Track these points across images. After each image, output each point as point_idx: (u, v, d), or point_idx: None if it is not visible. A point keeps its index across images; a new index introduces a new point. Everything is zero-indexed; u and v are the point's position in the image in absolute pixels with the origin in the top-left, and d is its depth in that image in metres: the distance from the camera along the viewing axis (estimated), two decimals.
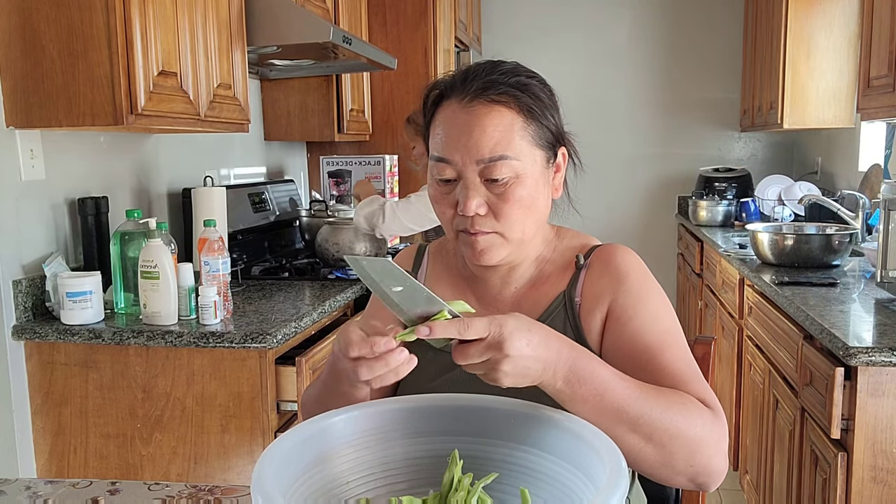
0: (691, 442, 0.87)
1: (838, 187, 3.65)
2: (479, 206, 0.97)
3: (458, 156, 0.97)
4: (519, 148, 0.97)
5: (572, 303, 1.04)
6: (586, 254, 1.08)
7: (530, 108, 0.99)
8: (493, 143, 0.96)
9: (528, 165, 0.98)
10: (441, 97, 1.02)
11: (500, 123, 0.97)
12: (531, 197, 0.99)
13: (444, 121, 1.00)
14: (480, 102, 0.97)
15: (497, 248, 1.00)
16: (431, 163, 1.02)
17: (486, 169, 0.97)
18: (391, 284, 0.79)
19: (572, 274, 1.06)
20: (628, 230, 4.71)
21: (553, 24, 4.70)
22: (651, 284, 1.04)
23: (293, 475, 0.77)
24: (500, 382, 0.80)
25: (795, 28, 3.53)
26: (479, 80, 0.99)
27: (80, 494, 1.05)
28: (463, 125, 0.97)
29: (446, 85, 1.02)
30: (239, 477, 1.79)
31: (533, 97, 0.99)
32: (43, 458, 1.86)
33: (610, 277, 1.03)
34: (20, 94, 1.72)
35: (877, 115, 2.43)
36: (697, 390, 0.93)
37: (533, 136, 0.99)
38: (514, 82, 0.99)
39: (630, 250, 1.07)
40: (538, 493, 0.79)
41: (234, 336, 1.75)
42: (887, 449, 1.64)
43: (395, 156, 3.31)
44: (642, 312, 1.00)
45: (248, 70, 2.23)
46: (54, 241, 1.96)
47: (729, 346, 3.02)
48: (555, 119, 1.03)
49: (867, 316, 1.94)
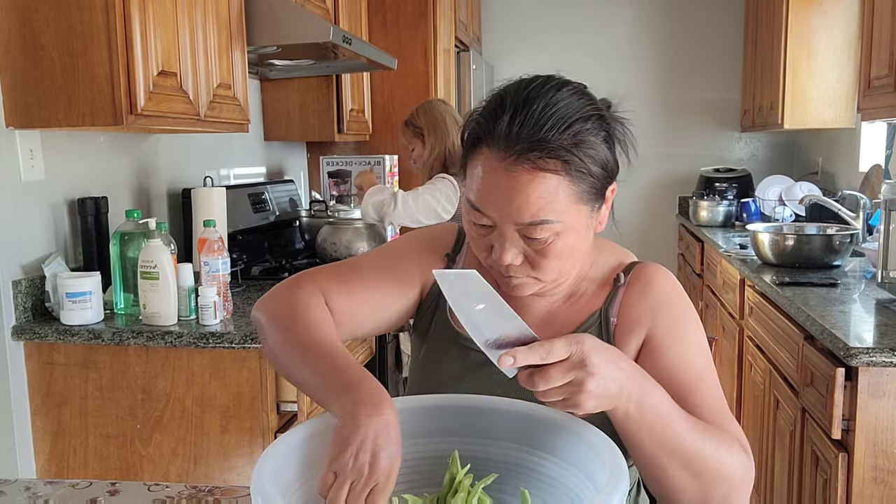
0: (731, 483, 0.86)
1: (839, 187, 3.64)
2: (514, 257, 0.91)
3: (495, 214, 0.90)
4: (562, 210, 0.88)
5: (608, 322, 1.00)
6: (624, 271, 1.03)
7: (580, 170, 0.88)
8: (535, 209, 0.87)
9: (571, 223, 0.90)
10: (478, 141, 0.91)
11: (546, 190, 0.87)
12: (571, 248, 0.92)
13: (483, 175, 0.90)
14: (525, 168, 0.86)
15: (531, 286, 0.95)
16: (467, 206, 0.94)
17: (525, 229, 0.89)
18: (475, 302, 0.75)
19: (609, 292, 1.02)
20: (629, 230, 4.70)
21: (553, 24, 4.70)
22: (690, 312, 1.01)
23: (293, 476, 0.77)
24: (583, 405, 0.76)
25: (796, 28, 3.53)
26: (525, 137, 0.86)
27: (79, 495, 1.05)
28: (503, 188, 0.88)
29: (486, 128, 0.90)
30: (239, 477, 1.79)
31: (585, 157, 0.88)
32: (42, 459, 1.86)
33: (650, 302, 0.99)
34: (20, 94, 1.72)
35: (877, 116, 2.43)
36: (733, 430, 0.92)
37: (580, 194, 0.90)
38: (566, 140, 0.87)
39: (668, 271, 1.03)
40: (538, 494, 0.79)
41: (234, 336, 1.75)
42: (888, 449, 1.64)
43: (395, 156, 3.31)
44: (682, 342, 0.97)
45: (248, 70, 2.23)
46: (54, 242, 1.96)
47: (730, 346, 3.01)
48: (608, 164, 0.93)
49: (868, 316, 1.93)
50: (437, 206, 2.57)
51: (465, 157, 0.95)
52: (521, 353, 0.74)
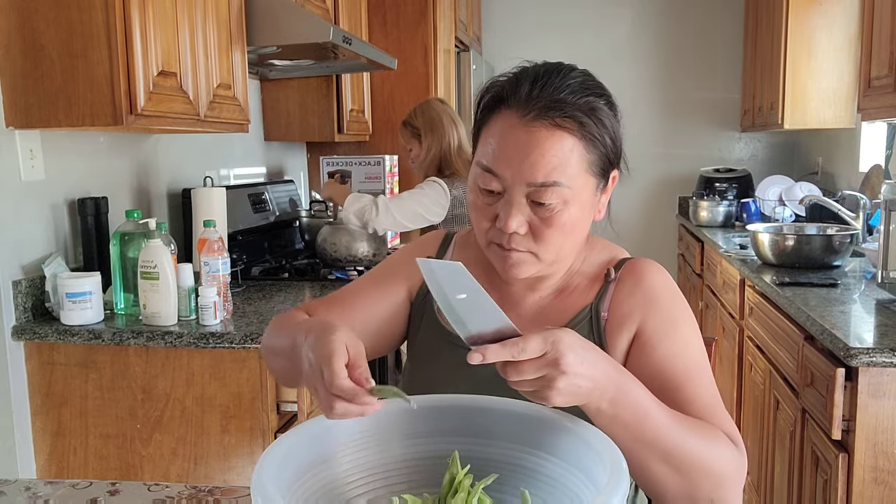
0: (717, 476, 0.87)
1: (839, 188, 3.65)
2: (520, 225, 0.93)
3: (508, 173, 0.92)
4: (573, 175, 0.92)
5: (598, 317, 1.01)
6: (615, 266, 1.04)
7: (594, 136, 0.93)
8: (550, 168, 0.90)
9: (579, 193, 0.93)
10: (498, 103, 0.95)
11: (561, 149, 0.91)
12: (574, 223, 0.94)
13: (501, 133, 0.93)
14: (543, 123, 0.91)
15: (529, 265, 0.97)
16: (477, 170, 0.96)
17: (534, 192, 0.91)
18: (456, 291, 0.76)
19: (600, 287, 1.03)
20: (628, 230, 4.71)
21: (553, 24, 4.70)
22: (682, 307, 1.01)
23: (293, 476, 0.77)
24: (551, 400, 0.77)
25: (796, 28, 3.53)
26: (546, 96, 0.91)
27: (79, 495, 1.05)
28: (521, 144, 0.91)
29: (507, 91, 0.94)
30: (239, 477, 1.79)
31: (598, 124, 0.93)
32: (42, 459, 1.86)
33: (641, 296, 1.00)
34: (20, 94, 1.72)
35: (877, 116, 2.43)
36: (724, 424, 0.92)
37: (590, 163, 0.93)
38: (583, 105, 0.92)
39: (661, 267, 1.04)
40: (538, 494, 0.79)
41: (234, 336, 1.75)
42: (888, 450, 1.64)
43: (395, 156, 3.31)
44: (672, 338, 0.97)
45: (248, 70, 2.23)
46: (54, 242, 1.96)
47: (730, 346, 3.01)
48: (615, 144, 0.97)
49: (868, 317, 1.93)
50: (422, 210, 2.54)
51: (481, 122, 0.98)
52: (490, 351, 0.75)
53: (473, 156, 1.00)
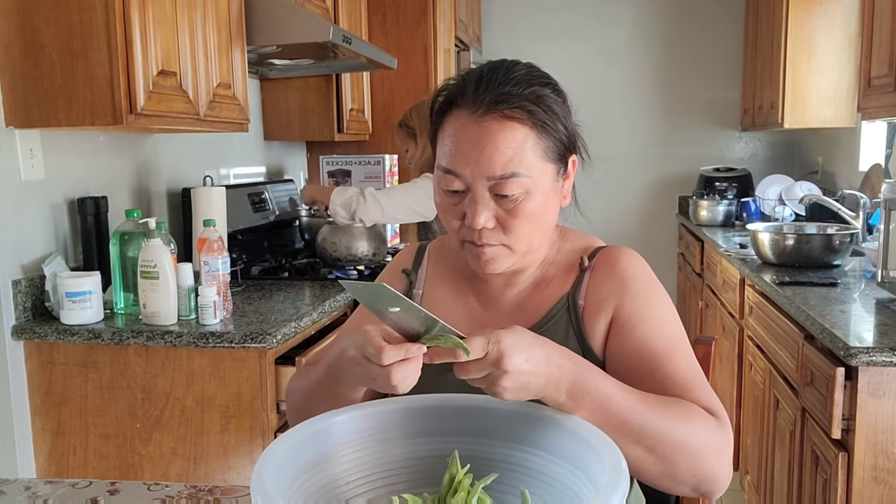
0: (694, 452, 0.87)
1: (839, 187, 3.64)
2: (487, 220, 0.95)
3: (467, 170, 0.94)
4: (530, 164, 0.94)
5: (576, 306, 1.03)
6: (590, 255, 1.06)
7: (544, 122, 0.95)
8: (506, 160, 0.93)
9: (539, 180, 0.96)
10: (450, 104, 0.98)
11: (514, 140, 0.93)
12: (540, 211, 0.97)
13: (455, 132, 0.96)
14: (493, 117, 0.93)
15: (503, 258, 0.99)
16: (439, 173, 0.98)
17: (496, 185, 0.94)
18: (388, 306, 0.78)
19: (576, 276, 1.05)
20: (629, 230, 4.71)
21: (553, 24, 4.70)
22: (656, 289, 1.03)
23: (293, 475, 0.77)
24: (501, 397, 0.80)
25: (796, 28, 3.53)
26: (492, 91, 0.94)
27: (79, 495, 1.05)
28: (475, 140, 0.94)
29: (455, 92, 0.98)
30: (239, 477, 1.79)
31: (547, 111, 0.96)
32: (42, 459, 1.86)
33: (615, 281, 1.02)
34: (20, 94, 1.72)
35: (877, 115, 2.43)
36: (703, 398, 0.93)
37: (545, 150, 0.96)
38: (529, 94, 0.95)
39: (635, 253, 1.06)
40: (538, 494, 0.79)
41: (234, 336, 1.75)
42: (888, 449, 1.64)
43: (394, 156, 3.30)
44: (648, 318, 0.99)
45: (247, 70, 2.23)
46: (54, 241, 1.96)
47: (729, 346, 3.01)
48: (567, 129, 0.99)
49: (868, 316, 1.93)
50: (413, 203, 2.53)
51: (436, 126, 1.01)
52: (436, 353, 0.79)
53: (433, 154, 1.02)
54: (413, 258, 1.18)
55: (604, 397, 0.84)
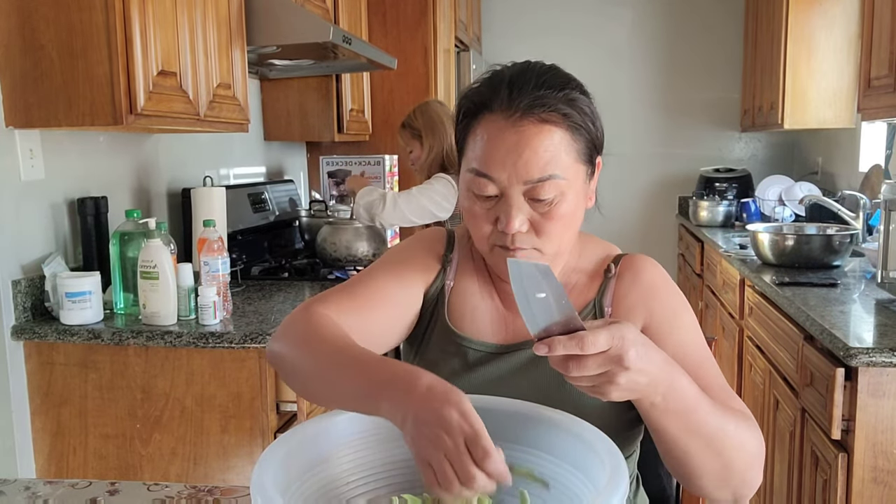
0: (749, 457, 0.89)
1: (839, 188, 3.64)
2: (522, 223, 0.94)
3: (504, 175, 0.93)
4: (566, 167, 0.94)
5: (603, 312, 1.03)
6: (613, 262, 1.06)
7: (578, 125, 0.95)
8: (543, 163, 0.92)
9: (573, 182, 0.96)
10: (481, 108, 0.97)
11: (551, 144, 0.93)
12: (572, 213, 0.97)
13: (490, 136, 0.94)
14: (530, 121, 0.93)
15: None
16: (469, 176, 0.97)
17: (532, 189, 0.93)
18: (536, 290, 0.76)
19: (601, 283, 1.05)
20: (628, 230, 4.71)
21: (553, 24, 4.70)
22: (681, 298, 1.04)
23: (293, 475, 0.77)
24: (609, 395, 0.77)
25: (796, 28, 3.53)
26: (527, 94, 0.93)
27: (79, 495, 1.05)
28: (512, 144, 0.93)
29: (487, 96, 0.96)
30: (238, 477, 1.79)
31: (581, 112, 0.95)
32: (42, 459, 1.86)
33: (642, 290, 1.02)
34: (19, 94, 1.72)
35: (877, 116, 2.43)
36: (738, 405, 0.94)
37: (578, 152, 0.96)
38: (563, 97, 0.94)
39: (656, 263, 1.07)
40: (538, 494, 0.79)
41: (234, 336, 1.75)
42: (888, 450, 1.64)
43: (394, 156, 3.30)
44: (680, 328, 1.00)
45: (247, 70, 2.23)
46: (53, 241, 1.96)
47: (729, 346, 3.01)
48: (597, 131, 0.99)
49: (868, 316, 1.93)
50: (431, 206, 2.57)
51: (465, 130, 0.99)
52: (558, 343, 0.75)
53: (460, 164, 1.01)
54: (445, 243, 1.13)
55: (691, 399, 0.84)
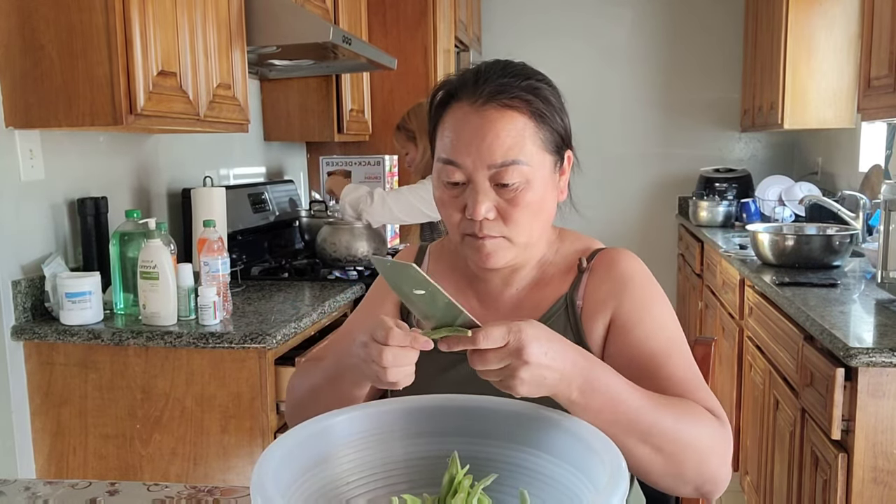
0: (700, 452, 0.87)
1: (839, 188, 3.64)
2: (488, 210, 0.96)
3: (468, 160, 0.96)
4: (530, 153, 0.96)
5: (574, 306, 1.03)
6: (589, 257, 1.07)
7: (542, 112, 0.98)
8: (506, 148, 0.95)
9: (538, 170, 0.98)
10: (449, 98, 1.01)
11: (513, 128, 0.96)
12: (539, 201, 0.98)
13: (455, 123, 0.98)
14: (493, 106, 0.96)
15: (503, 251, 1.00)
16: (439, 165, 1.00)
17: (496, 174, 0.96)
18: (413, 288, 0.78)
19: (574, 277, 1.06)
20: (628, 230, 4.71)
21: (553, 24, 4.70)
22: (655, 290, 1.03)
23: (293, 476, 0.77)
24: (516, 390, 0.79)
25: (796, 28, 3.53)
26: (492, 82, 0.97)
27: (79, 495, 1.05)
28: (475, 129, 0.96)
29: (455, 85, 1.00)
30: (238, 477, 1.79)
31: (544, 101, 0.99)
32: (42, 459, 1.86)
33: (613, 283, 1.03)
34: (19, 94, 1.72)
35: (877, 116, 2.43)
36: (703, 398, 0.93)
37: (543, 140, 0.98)
38: (527, 86, 0.98)
39: (633, 255, 1.07)
40: (538, 494, 0.79)
41: (234, 336, 1.75)
42: (888, 450, 1.64)
43: (394, 156, 3.30)
44: (647, 319, 1.00)
45: (247, 70, 2.23)
46: (53, 242, 1.96)
47: (729, 346, 3.01)
48: (563, 123, 1.02)
49: (868, 317, 1.93)
50: (421, 204, 2.56)
51: (436, 120, 1.02)
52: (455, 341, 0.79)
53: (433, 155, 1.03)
54: (414, 258, 1.19)
55: (614, 395, 0.84)
